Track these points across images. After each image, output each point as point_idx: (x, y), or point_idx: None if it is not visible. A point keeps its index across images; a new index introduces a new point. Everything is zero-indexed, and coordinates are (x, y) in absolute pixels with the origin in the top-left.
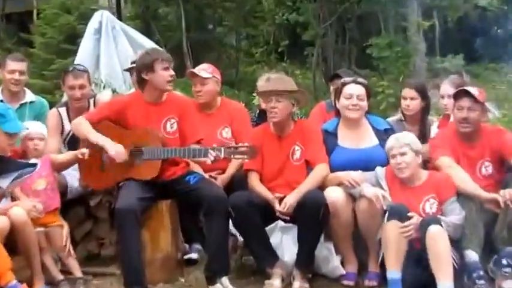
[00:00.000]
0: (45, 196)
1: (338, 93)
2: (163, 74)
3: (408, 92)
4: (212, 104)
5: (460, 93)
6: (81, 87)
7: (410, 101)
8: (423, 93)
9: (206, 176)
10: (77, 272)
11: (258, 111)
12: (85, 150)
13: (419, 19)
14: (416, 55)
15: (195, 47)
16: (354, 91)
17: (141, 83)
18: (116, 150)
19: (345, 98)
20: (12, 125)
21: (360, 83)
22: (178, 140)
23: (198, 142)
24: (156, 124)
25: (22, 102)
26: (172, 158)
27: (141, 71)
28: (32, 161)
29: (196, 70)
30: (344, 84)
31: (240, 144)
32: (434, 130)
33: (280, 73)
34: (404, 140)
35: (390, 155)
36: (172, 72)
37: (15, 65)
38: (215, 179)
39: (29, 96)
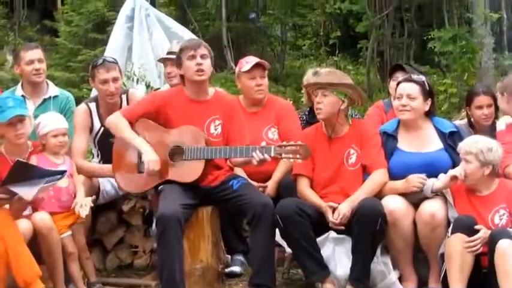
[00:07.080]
0: (67, 195)
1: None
2: (188, 64)
3: (485, 100)
4: (262, 101)
5: None
6: (115, 80)
7: (488, 109)
8: (495, 97)
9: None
10: (92, 277)
11: (308, 109)
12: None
13: (486, 10)
14: (483, 50)
15: (236, 38)
16: (403, 90)
17: (182, 77)
18: (148, 158)
19: (396, 98)
20: (6, 114)
21: (412, 81)
22: (222, 143)
23: None
24: (199, 124)
25: (45, 97)
26: (215, 161)
27: (177, 66)
28: (61, 167)
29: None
30: (398, 83)
31: (292, 142)
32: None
33: (331, 68)
34: (470, 149)
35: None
36: (198, 60)
37: (32, 54)
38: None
39: (52, 90)
